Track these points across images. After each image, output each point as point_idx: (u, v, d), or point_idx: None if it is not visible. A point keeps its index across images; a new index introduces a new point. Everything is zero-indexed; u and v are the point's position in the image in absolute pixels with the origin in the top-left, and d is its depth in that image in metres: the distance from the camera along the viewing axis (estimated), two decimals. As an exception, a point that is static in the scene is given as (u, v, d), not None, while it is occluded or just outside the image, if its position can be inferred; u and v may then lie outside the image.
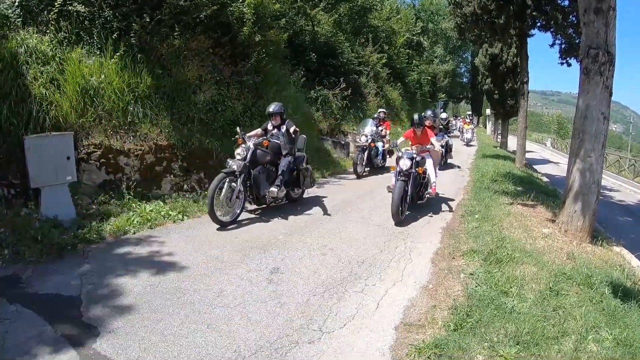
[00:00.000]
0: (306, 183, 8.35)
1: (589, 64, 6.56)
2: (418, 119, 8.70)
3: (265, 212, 7.57)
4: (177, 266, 5.06)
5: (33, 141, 5.89)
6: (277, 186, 7.33)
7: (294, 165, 7.97)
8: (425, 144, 8.40)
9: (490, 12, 14.87)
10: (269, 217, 7.27)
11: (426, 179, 8.16)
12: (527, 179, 13.58)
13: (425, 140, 8.51)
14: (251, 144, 7.06)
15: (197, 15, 9.11)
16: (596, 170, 6.72)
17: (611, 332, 3.82)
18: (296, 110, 13.29)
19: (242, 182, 6.83)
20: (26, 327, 3.62)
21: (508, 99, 28.05)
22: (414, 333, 3.76)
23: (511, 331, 3.68)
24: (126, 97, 7.58)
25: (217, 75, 9.94)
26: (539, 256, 5.66)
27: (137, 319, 3.83)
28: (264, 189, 7.28)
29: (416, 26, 39.25)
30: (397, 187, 7.12)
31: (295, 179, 8.13)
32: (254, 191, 7.22)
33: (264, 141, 7.26)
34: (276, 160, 7.66)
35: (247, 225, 6.86)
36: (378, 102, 24.22)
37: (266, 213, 7.53)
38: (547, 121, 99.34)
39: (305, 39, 18.09)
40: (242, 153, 6.92)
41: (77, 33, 7.58)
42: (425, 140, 8.49)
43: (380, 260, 5.53)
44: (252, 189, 7.20)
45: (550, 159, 38.61)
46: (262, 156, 7.34)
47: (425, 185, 8.23)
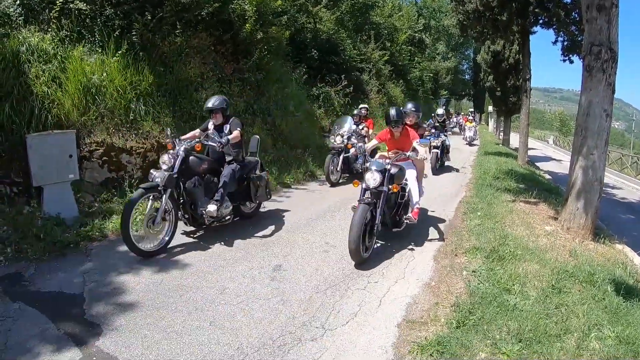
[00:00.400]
0: (260, 195, 6.84)
1: (591, 61, 6.54)
2: (395, 115, 6.28)
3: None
4: (179, 263, 5.07)
5: (35, 139, 5.89)
6: (217, 202, 5.83)
7: (243, 173, 6.55)
8: (407, 149, 6.29)
9: (493, 9, 14.82)
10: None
11: (405, 199, 6.23)
12: (529, 176, 13.56)
13: (405, 143, 6.40)
14: (181, 150, 5.61)
15: (198, 13, 9.11)
16: (599, 168, 6.70)
17: (614, 330, 3.81)
18: (298, 107, 13.28)
19: (171, 199, 5.43)
20: (29, 325, 3.63)
21: (510, 96, 27.99)
22: (417, 330, 3.77)
23: (514, 329, 3.68)
24: (128, 95, 7.58)
25: (219, 73, 9.95)
26: (542, 254, 5.65)
27: (139, 316, 3.84)
28: (201, 206, 5.77)
29: (418, 23, 39.16)
30: (358, 214, 5.10)
31: (245, 191, 6.65)
32: (188, 209, 5.79)
33: (196, 145, 5.88)
34: (219, 169, 6.26)
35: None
36: (380, 99, 24.20)
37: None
38: (549, 118, 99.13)
39: (307, 36, 18.05)
40: (169, 161, 5.49)
41: (78, 31, 7.58)
42: (406, 144, 6.36)
43: (383, 258, 5.52)
44: (186, 207, 5.77)
45: (552, 156, 38.50)
46: (197, 164, 5.88)
47: (405, 206, 6.25)
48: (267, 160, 9.97)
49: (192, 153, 5.81)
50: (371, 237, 5.44)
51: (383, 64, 25.82)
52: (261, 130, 10.64)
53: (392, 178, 5.75)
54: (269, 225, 6.75)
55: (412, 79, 34.12)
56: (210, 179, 6.11)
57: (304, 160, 11.50)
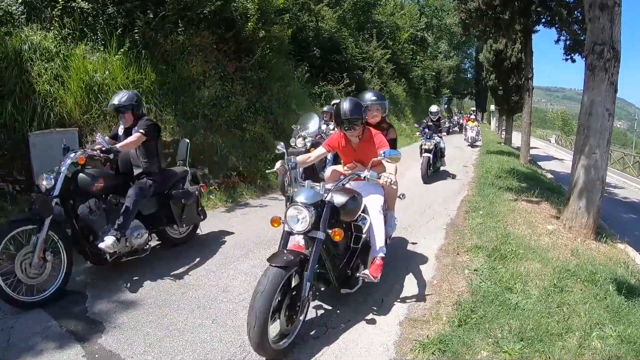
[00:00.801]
0: (188, 217, 5.37)
1: (594, 60, 6.52)
2: (350, 111, 4.10)
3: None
4: (181, 261, 5.07)
5: (37, 137, 5.92)
6: (116, 232, 4.39)
7: (162, 190, 5.10)
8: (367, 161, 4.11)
9: (495, 8, 14.81)
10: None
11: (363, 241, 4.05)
12: (531, 175, 13.54)
13: (368, 153, 4.26)
14: (63, 166, 4.18)
15: (200, 11, 9.13)
16: (601, 167, 6.68)
17: (615, 329, 3.80)
18: (300, 105, 13.28)
19: (54, 230, 4.05)
20: (31, 323, 3.65)
21: (512, 95, 27.90)
22: (418, 329, 3.76)
23: (515, 327, 3.67)
24: (130, 93, 7.58)
25: (221, 71, 9.96)
26: (543, 252, 5.64)
27: (142, 314, 3.84)
28: (101, 237, 4.37)
29: (420, 22, 39.27)
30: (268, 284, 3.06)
31: (166, 213, 5.18)
32: (85, 242, 4.40)
33: (79, 158, 4.22)
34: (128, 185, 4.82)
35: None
36: (382, 97, 24.17)
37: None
38: (551, 117, 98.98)
39: (309, 34, 18.09)
40: (47, 182, 4.11)
41: (81, 29, 7.62)
42: (369, 155, 4.16)
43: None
44: (80, 239, 4.39)
45: (554, 155, 38.45)
46: (88, 182, 4.39)
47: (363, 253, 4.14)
48: (269, 159, 9.96)
49: (82, 169, 4.44)
50: (292, 318, 3.34)
51: (385, 63, 25.87)
52: (263, 128, 10.65)
53: (334, 214, 3.64)
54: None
55: (414, 78, 34.18)
56: (115, 201, 4.68)
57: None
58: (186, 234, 5.71)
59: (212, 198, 7.81)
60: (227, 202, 7.97)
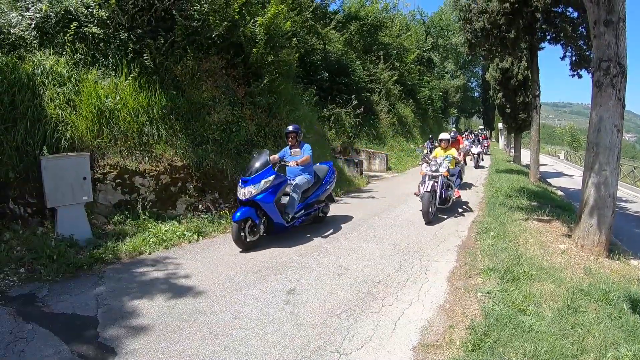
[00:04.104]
0: None
1: (600, 76, 6.53)
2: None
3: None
4: (193, 287, 5.07)
5: (50, 161, 6.00)
6: None
7: None
8: None
9: (500, 27, 14.90)
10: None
11: None
12: (541, 193, 13.45)
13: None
14: None
15: (209, 36, 9.25)
16: (611, 184, 6.64)
17: (630, 349, 3.74)
18: (309, 129, 13.35)
19: None
20: (42, 347, 3.65)
21: (520, 112, 27.90)
22: (432, 354, 3.72)
23: (529, 350, 3.62)
24: (141, 118, 7.69)
25: (231, 96, 10.05)
26: (556, 273, 5.58)
27: (154, 340, 3.83)
28: None
29: (426, 42, 39.55)
30: None
31: None
32: None
33: None
34: None
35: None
36: (390, 119, 24.29)
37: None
38: (559, 133, 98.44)
39: (317, 57, 18.28)
40: None
41: (92, 55, 7.77)
42: None
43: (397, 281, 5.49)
44: None
45: (564, 171, 38.18)
46: None
47: None
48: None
49: None
50: None
51: (392, 84, 26.06)
52: (274, 152, 10.66)
53: None
54: (280, 247, 6.74)
55: (421, 99, 34.33)
56: None
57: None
58: None
59: (223, 222, 7.82)
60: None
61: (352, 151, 18.07)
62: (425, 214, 8.51)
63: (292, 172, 7.71)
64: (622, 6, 6.33)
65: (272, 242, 6.99)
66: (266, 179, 6.66)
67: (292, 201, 7.25)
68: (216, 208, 8.37)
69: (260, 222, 6.71)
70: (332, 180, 8.58)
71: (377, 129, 22.11)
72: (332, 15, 22.45)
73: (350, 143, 18.27)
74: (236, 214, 6.45)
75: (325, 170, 8.45)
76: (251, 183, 6.60)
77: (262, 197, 6.60)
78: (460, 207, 10.23)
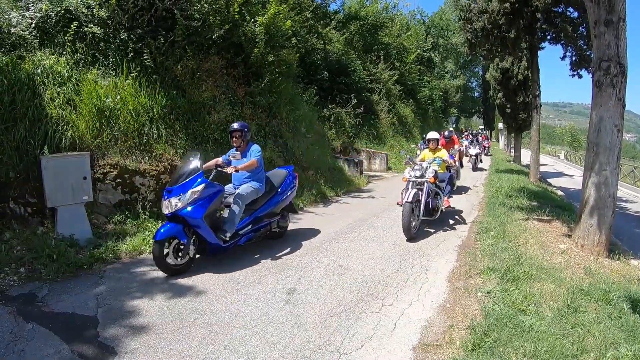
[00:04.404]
0: None
1: (600, 76, 6.52)
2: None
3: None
4: (193, 287, 5.08)
5: (50, 161, 6.00)
6: None
7: None
8: None
9: (501, 27, 14.90)
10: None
11: None
12: (541, 193, 13.45)
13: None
14: None
15: (209, 36, 9.25)
16: (611, 184, 6.64)
17: (631, 349, 3.74)
18: (309, 129, 13.35)
19: None
20: (42, 346, 3.65)
21: (520, 112, 27.90)
22: (432, 354, 3.72)
23: (530, 350, 3.62)
24: (141, 118, 7.68)
25: (231, 96, 10.05)
26: (556, 272, 5.58)
27: (154, 339, 3.83)
28: None
29: (427, 42, 39.53)
30: None
31: None
32: None
33: None
34: None
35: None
36: (391, 118, 24.28)
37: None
38: (559, 133, 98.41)
39: (317, 57, 18.27)
40: None
41: (93, 54, 7.76)
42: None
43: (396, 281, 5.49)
44: None
45: (564, 171, 38.16)
46: None
47: None
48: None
49: None
50: None
51: (393, 84, 26.05)
52: (273, 152, 10.69)
53: None
54: (281, 248, 6.75)
55: (421, 98, 34.32)
56: None
57: (315, 181, 11.52)
58: None
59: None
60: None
61: (352, 151, 18.07)
62: (406, 229, 7.19)
63: (238, 179, 6.57)
64: (623, 6, 6.33)
65: (271, 243, 6.97)
66: (194, 188, 5.45)
67: (231, 216, 6.03)
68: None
69: (189, 241, 5.46)
70: (292, 188, 7.32)
71: (378, 129, 22.11)
72: (332, 15, 22.46)
73: (350, 143, 18.27)
74: (159, 231, 5.27)
75: (283, 176, 7.20)
76: (175, 194, 5.44)
77: (188, 212, 5.37)
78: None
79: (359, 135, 19.66)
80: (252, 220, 6.46)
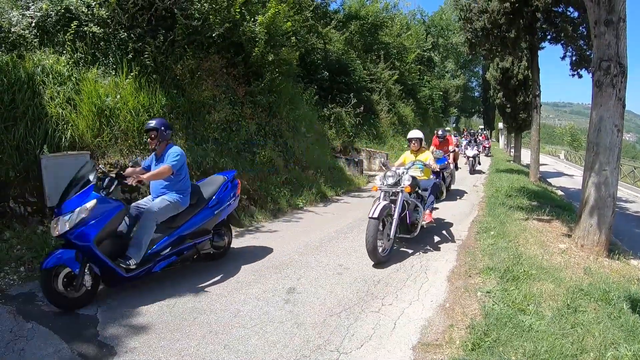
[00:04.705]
0: None
1: (601, 76, 6.53)
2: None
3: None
4: (192, 286, 5.07)
5: (50, 160, 6.00)
6: None
7: None
8: None
9: (501, 27, 14.90)
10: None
11: None
12: (541, 193, 13.44)
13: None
14: None
15: (209, 35, 9.25)
16: (611, 184, 6.64)
17: (630, 348, 3.74)
18: (309, 128, 13.35)
19: None
20: (42, 345, 3.64)
21: (520, 112, 27.89)
22: (432, 353, 3.72)
23: (529, 350, 3.62)
24: (141, 117, 7.68)
25: (231, 95, 10.05)
26: (556, 272, 5.58)
27: (153, 339, 3.83)
28: None
29: (427, 42, 39.49)
30: None
31: None
32: None
33: None
34: None
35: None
36: (390, 118, 24.27)
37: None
38: (559, 133, 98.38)
39: (317, 57, 18.27)
40: None
41: (92, 54, 7.77)
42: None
43: (395, 278, 5.49)
44: None
45: (564, 171, 38.16)
46: None
47: None
48: (279, 181, 10.02)
49: None
50: None
51: (393, 84, 26.02)
52: (273, 151, 10.70)
53: None
54: (281, 247, 6.75)
55: (421, 98, 34.28)
56: None
57: (315, 181, 11.52)
58: None
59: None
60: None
61: (352, 150, 18.06)
62: (371, 251, 5.77)
63: (156, 191, 5.37)
64: (623, 6, 6.33)
65: (271, 243, 6.96)
66: (82, 206, 4.35)
67: (137, 238, 4.81)
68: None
69: (82, 270, 4.34)
70: (231, 198, 6.06)
71: (378, 129, 22.09)
72: (332, 14, 22.46)
73: (350, 142, 18.26)
74: (47, 258, 4.27)
75: (218, 184, 5.91)
76: (62, 212, 4.37)
77: (76, 234, 4.31)
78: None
79: (359, 134, 19.64)
80: (174, 241, 5.24)
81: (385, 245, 6.07)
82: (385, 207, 6.04)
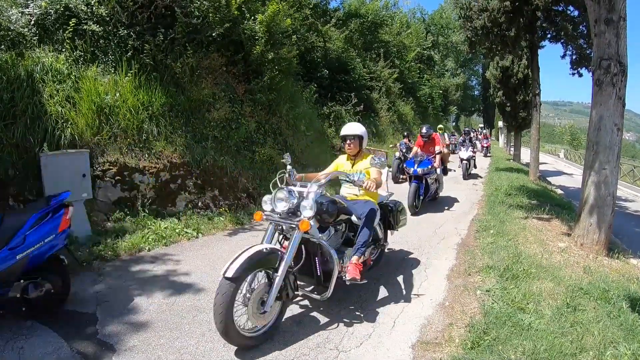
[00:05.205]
0: None
1: (601, 75, 6.52)
2: None
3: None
4: (192, 284, 5.06)
5: (49, 158, 5.98)
6: None
7: None
8: None
9: (501, 25, 14.88)
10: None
11: None
12: (541, 192, 13.45)
13: None
14: None
15: (209, 34, 9.24)
16: (611, 183, 6.64)
17: (629, 347, 3.75)
18: (309, 126, 13.34)
19: None
20: (42, 344, 3.64)
21: (520, 111, 27.84)
22: (431, 351, 3.72)
23: (528, 348, 3.63)
24: (141, 115, 7.67)
25: (231, 93, 10.04)
26: (556, 271, 5.59)
27: (153, 337, 3.83)
28: None
29: (427, 40, 39.47)
30: None
31: None
32: None
33: None
34: None
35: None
36: (390, 117, 24.25)
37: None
38: (559, 132, 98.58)
39: (317, 55, 18.24)
40: None
41: (92, 52, 7.76)
42: None
43: (395, 276, 5.48)
44: None
45: (564, 170, 38.14)
46: None
47: None
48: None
49: None
50: None
51: (393, 82, 25.99)
52: (273, 150, 10.69)
53: None
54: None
55: (421, 97, 34.25)
56: None
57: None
58: None
59: (222, 219, 7.80)
60: (237, 223, 7.95)
61: (351, 149, 18.01)
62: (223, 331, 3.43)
63: None
64: (623, 5, 6.33)
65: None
66: None
67: None
68: (216, 205, 8.34)
69: None
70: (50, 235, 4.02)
71: (377, 127, 22.08)
72: (332, 12, 22.43)
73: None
74: None
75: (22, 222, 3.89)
76: None
77: None
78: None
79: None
80: None
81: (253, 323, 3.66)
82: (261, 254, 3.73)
